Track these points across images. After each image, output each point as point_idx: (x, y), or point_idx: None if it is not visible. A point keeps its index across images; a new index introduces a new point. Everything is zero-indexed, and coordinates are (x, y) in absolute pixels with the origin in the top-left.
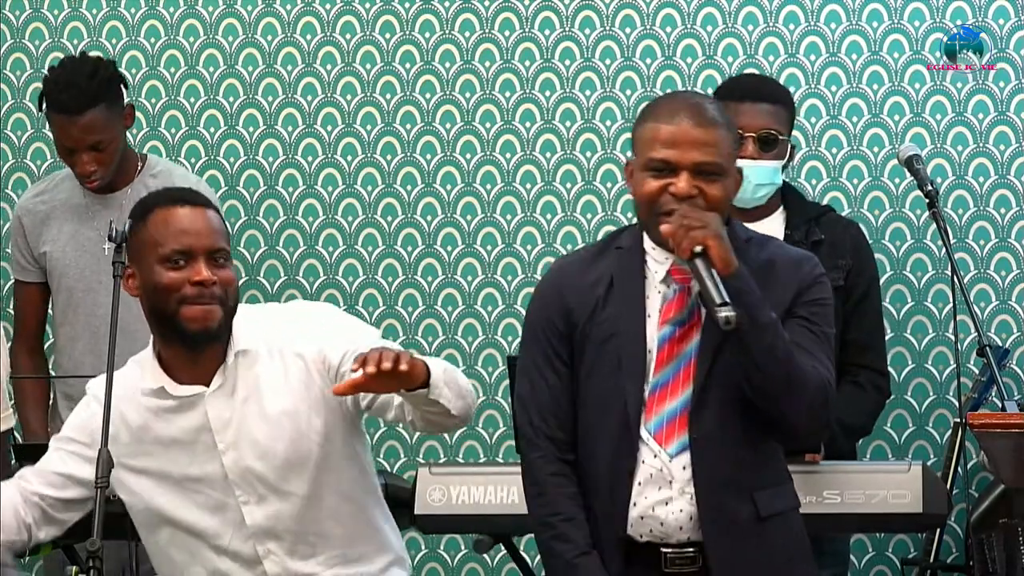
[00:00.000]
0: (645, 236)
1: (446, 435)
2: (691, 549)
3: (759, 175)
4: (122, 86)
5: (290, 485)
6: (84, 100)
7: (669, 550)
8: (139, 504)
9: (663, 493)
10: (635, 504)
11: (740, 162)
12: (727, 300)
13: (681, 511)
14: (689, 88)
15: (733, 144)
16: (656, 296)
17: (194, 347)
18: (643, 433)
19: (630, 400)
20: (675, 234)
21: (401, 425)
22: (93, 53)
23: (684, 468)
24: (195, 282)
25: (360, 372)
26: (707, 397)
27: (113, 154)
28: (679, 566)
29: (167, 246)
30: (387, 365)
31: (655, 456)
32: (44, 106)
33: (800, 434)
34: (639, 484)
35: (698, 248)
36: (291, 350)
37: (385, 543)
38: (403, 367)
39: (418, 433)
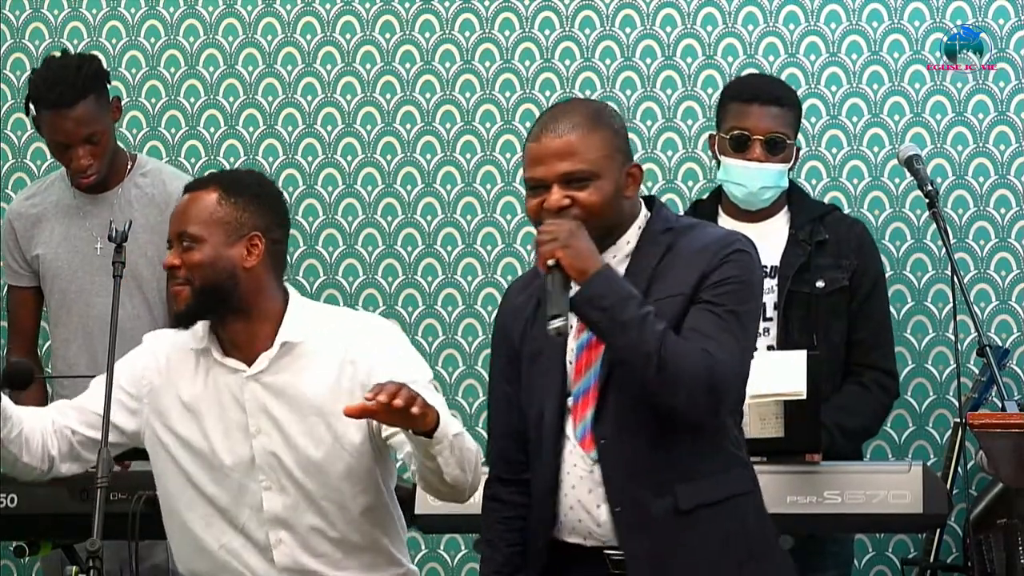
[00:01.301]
0: None
1: None
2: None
3: (765, 178)
4: (107, 80)
5: (312, 484)
6: (74, 93)
7: (612, 552)
8: (168, 466)
9: (593, 495)
10: (571, 508)
11: (747, 164)
12: (561, 312)
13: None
14: (689, 88)
15: (609, 141)
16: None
17: (182, 328)
18: (571, 441)
19: (548, 413)
20: (535, 250)
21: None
22: (92, 52)
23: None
24: (165, 267)
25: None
26: (607, 398)
27: (106, 147)
28: (622, 567)
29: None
30: (399, 402)
31: (583, 462)
32: (34, 109)
33: (692, 419)
34: (572, 487)
35: (551, 261)
36: (347, 356)
37: (392, 559)
38: (415, 410)
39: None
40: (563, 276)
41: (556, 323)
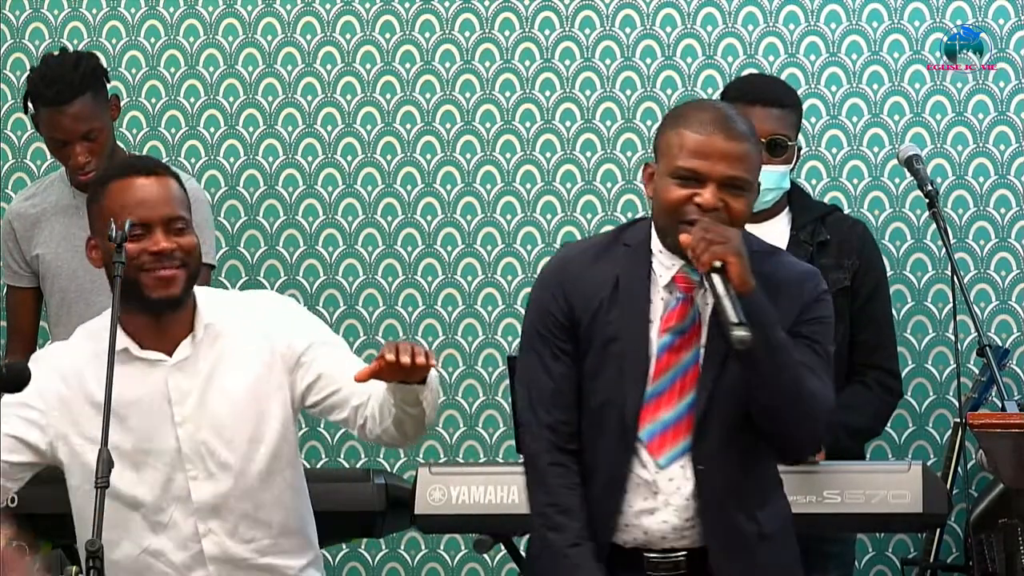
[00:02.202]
0: (654, 236)
1: (445, 434)
2: (677, 554)
3: (767, 180)
4: (105, 78)
5: (242, 465)
6: (71, 90)
7: (653, 555)
8: (82, 473)
9: (648, 503)
10: (622, 512)
11: None
12: (743, 320)
13: (665, 522)
14: (689, 88)
15: (759, 158)
16: (659, 301)
17: (159, 313)
18: (636, 442)
19: (629, 406)
20: (696, 246)
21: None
22: (91, 51)
23: (671, 480)
24: (153, 252)
25: (382, 360)
26: (711, 413)
27: (104, 144)
28: (663, 570)
29: (122, 219)
30: (420, 360)
31: (644, 466)
32: (32, 106)
33: (799, 451)
34: (626, 491)
35: (717, 263)
36: (258, 330)
37: (310, 542)
38: (430, 361)
39: (365, 440)
40: (725, 282)
41: (743, 332)
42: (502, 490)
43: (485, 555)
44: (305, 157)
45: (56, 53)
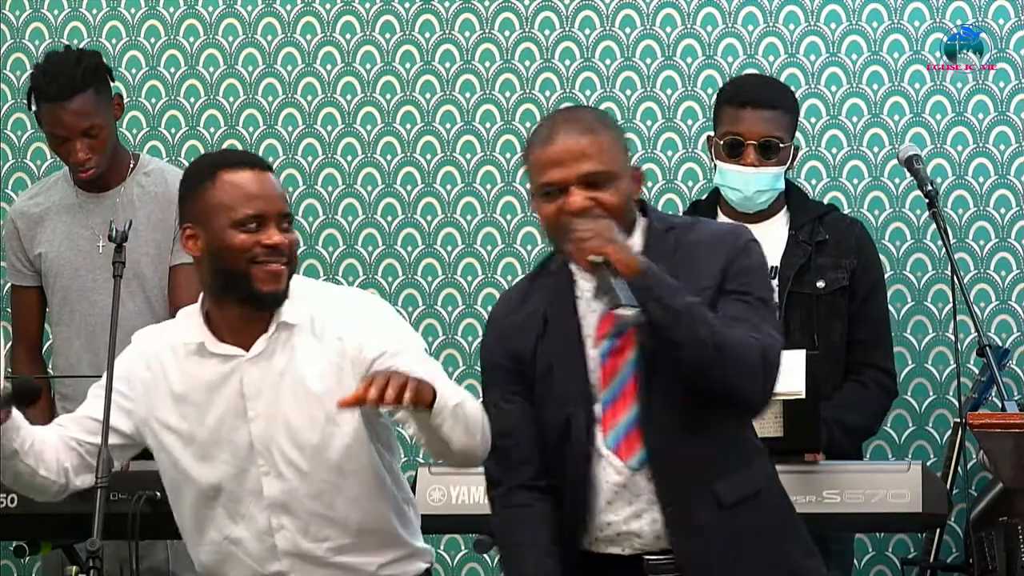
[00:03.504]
0: None
1: None
2: (672, 555)
3: (760, 182)
4: (109, 77)
5: (311, 467)
6: (72, 86)
7: (652, 557)
8: (166, 460)
9: (633, 507)
10: (609, 523)
11: (741, 169)
12: (623, 302)
13: (655, 520)
14: (689, 89)
15: (619, 144)
16: (591, 315)
17: (259, 308)
18: (603, 451)
19: (579, 422)
20: (573, 251)
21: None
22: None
23: (649, 480)
24: (267, 245)
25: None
26: (653, 404)
27: (105, 141)
28: (663, 572)
29: (240, 210)
30: (390, 396)
31: (618, 473)
32: (34, 102)
33: (750, 402)
34: (607, 503)
35: (597, 258)
36: (333, 332)
37: (398, 538)
38: (406, 397)
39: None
40: (611, 273)
41: (630, 312)
42: None
43: (485, 555)
44: (305, 157)
45: (60, 50)
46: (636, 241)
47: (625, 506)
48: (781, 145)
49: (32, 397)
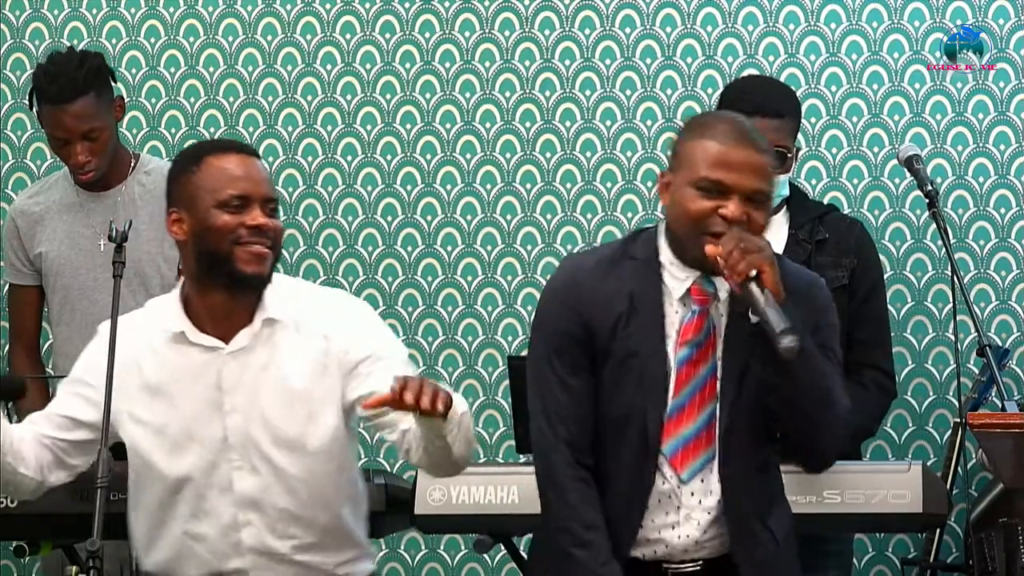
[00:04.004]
0: (663, 248)
1: None
2: (692, 564)
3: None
4: (111, 78)
5: (286, 462)
6: (74, 88)
7: (671, 565)
8: (134, 453)
9: (670, 517)
10: (642, 526)
11: None
12: (789, 327)
13: (688, 536)
14: (689, 89)
15: (776, 169)
16: (674, 315)
17: (241, 291)
18: (659, 457)
19: (651, 422)
20: (730, 256)
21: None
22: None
23: (692, 494)
24: (251, 226)
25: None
26: (735, 424)
27: (106, 144)
28: None
29: (225, 191)
30: (425, 402)
31: (666, 481)
32: (35, 103)
33: (826, 461)
34: (647, 507)
35: (753, 272)
36: (318, 330)
37: (355, 540)
38: (439, 408)
39: (412, 465)
40: (762, 292)
41: (792, 340)
42: (502, 490)
43: (485, 555)
44: (305, 157)
45: (62, 51)
46: None
47: (663, 515)
48: (788, 154)
49: (16, 393)
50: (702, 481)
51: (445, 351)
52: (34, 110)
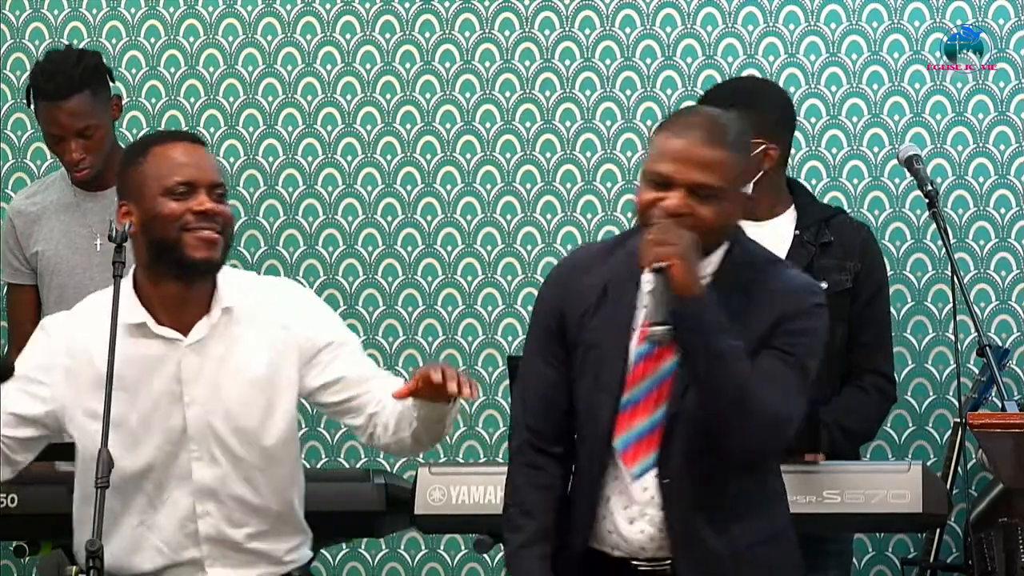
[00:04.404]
0: None
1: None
2: (664, 563)
3: None
4: (108, 77)
5: (245, 452)
6: (70, 85)
7: (641, 563)
8: (89, 448)
9: (627, 512)
10: (604, 517)
11: None
12: (663, 320)
13: (642, 532)
14: (689, 89)
15: (741, 168)
16: (643, 308)
17: (192, 279)
18: (612, 451)
19: (603, 414)
20: (643, 246)
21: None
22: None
23: (645, 490)
24: (197, 211)
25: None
26: (677, 425)
27: (101, 142)
28: None
29: (170, 178)
30: (466, 392)
31: (620, 475)
32: (32, 100)
33: (749, 460)
34: (608, 500)
35: (661, 264)
36: (278, 320)
37: (300, 526)
38: (474, 392)
39: (369, 445)
40: (666, 284)
41: (662, 330)
42: (502, 490)
43: (485, 555)
44: (305, 157)
45: (60, 49)
46: (714, 260)
47: (620, 509)
48: None
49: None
50: (655, 478)
51: (445, 351)
52: (31, 107)
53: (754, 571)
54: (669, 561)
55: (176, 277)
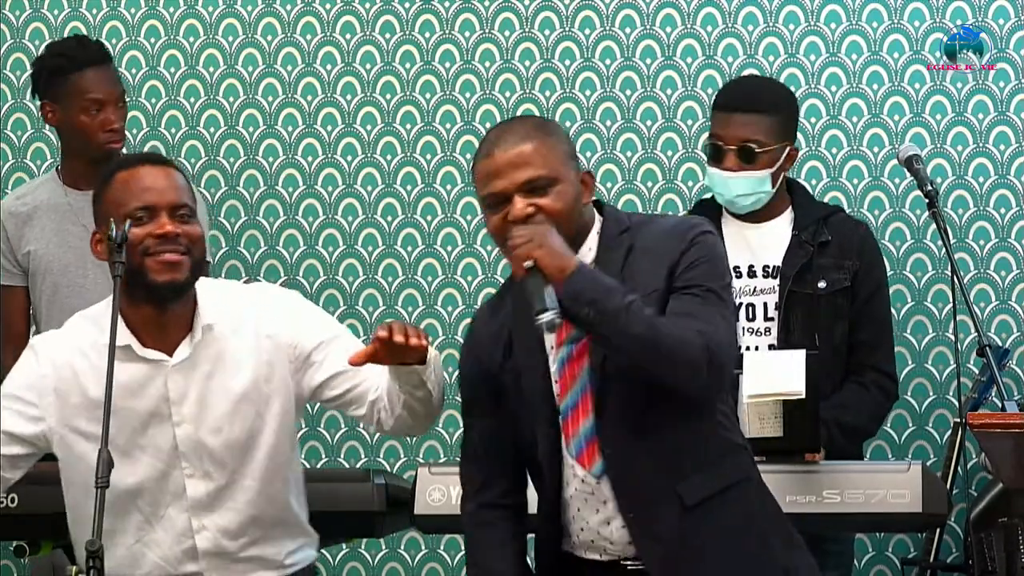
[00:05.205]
0: None
1: (446, 434)
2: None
3: (740, 186)
4: None
5: (239, 466)
6: (104, 52)
7: (630, 562)
8: (79, 466)
9: (601, 515)
10: (582, 529)
11: (720, 173)
12: (545, 307)
13: (623, 527)
14: (689, 89)
15: (560, 147)
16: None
17: (162, 302)
18: (568, 459)
19: (547, 429)
20: (510, 260)
21: (363, 425)
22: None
23: (611, 488)
24: (158, 235)
25: (375, 343)
26: (606, 409)
27: (125, 119)
28: None
29: (129, 204)
30: (414, 340)
31: (583, 480)
32: (59, 80)
33: (694, 394)
34: (578, 510)
35: (529, 263)
36: (262, 331)
37: (301, 527)
38: (423, 341)
39: (380, 434)
40: (542, 278)
41: (547, 316)
42: None
43: None
44: (305, 157)
45: (68, 38)
46: (591, 246)
47: (593, 513)
48: (758, 149)
49: None
50: None
51: (445, 351)
52: (40, 99)
53: (712, 528)
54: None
55: (148, 301)
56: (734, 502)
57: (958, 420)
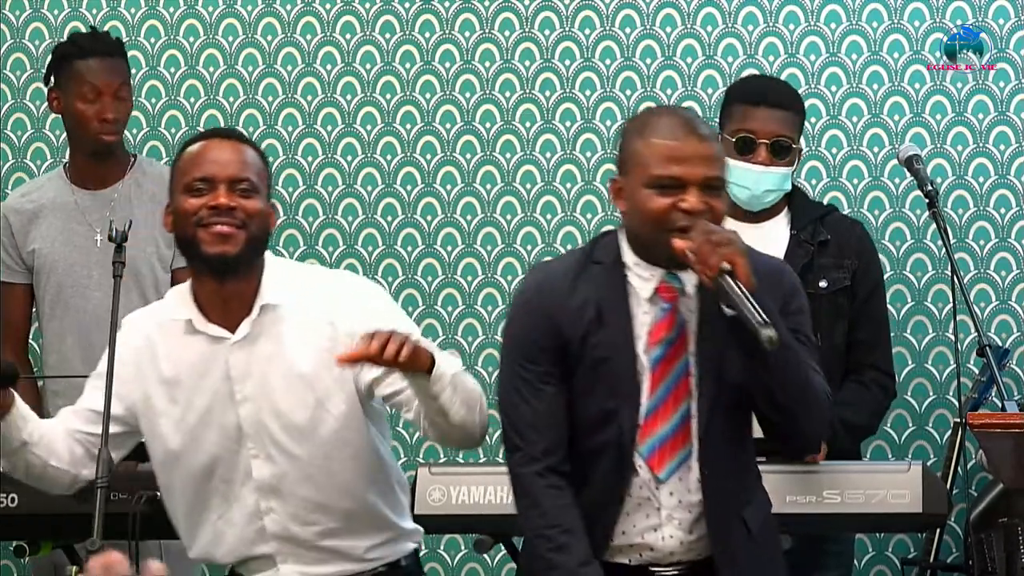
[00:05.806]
0: (626, 251)
1: None
2: (677, 568)
3: (770, 181)
4: None
5: (299, 450)
6: (114, 46)
7: (659, 569)
8: (158, 445)
9: (651, 520)
10: (624, 532)
11: (751, 168)
12: (766, 319)
13: (671, 537)
14: (689, 89)
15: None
16: (643, 316)
17: (218, 275)
18: (635, 458)
19: (627, 424)
20: (701, 250)
21: (412, 428)
22: None
23: (671, 494)
24: (212, 206)
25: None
26: (714, 418)
27: (127, 113)
28: None
29: (191, 175)
30: (390, 350)
31: (643, 482)
32: (63, 67)
33: (812, 447)
34: (627, 513)
35: (726, 265)
36: (324, 317)
37: (388, 521)
38: (403, 354)
39: (424, 436)
40: (734, 284)
41: (771, 331)
42: (502, 490)
43: (485, 555)
44: (305, 157)
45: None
46: None
47: (644, 518)
48: (792, 146)
49: (7, 380)
50: (680, 480)
51: (445, 351)
52: (47, 86)
53: (760, 554)
54: (685, 564)
55: (207, 274)
56: (773, 528)
57: (958, 420)
